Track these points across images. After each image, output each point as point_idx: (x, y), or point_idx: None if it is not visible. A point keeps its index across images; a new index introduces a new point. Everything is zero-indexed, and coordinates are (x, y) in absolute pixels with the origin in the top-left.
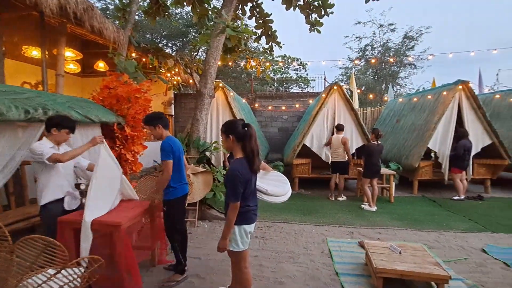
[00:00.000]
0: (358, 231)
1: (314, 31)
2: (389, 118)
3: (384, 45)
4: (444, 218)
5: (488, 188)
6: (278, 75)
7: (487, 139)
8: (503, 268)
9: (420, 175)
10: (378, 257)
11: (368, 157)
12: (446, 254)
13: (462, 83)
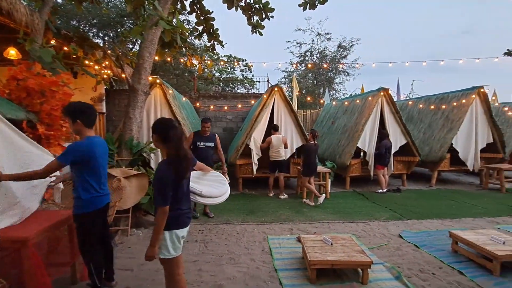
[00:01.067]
0: (297, 226)
1: (256, 33)
2: (326, 120)
3: (322, 52)
4: (370, 210)
5: (404, 181)
6: (224, 75)
7: (403, 139)
8: (414, 250)
9: (351, 172)
10: (313, 250)
11: (306, 156)
12: (371, 241)
13: (383, 90)
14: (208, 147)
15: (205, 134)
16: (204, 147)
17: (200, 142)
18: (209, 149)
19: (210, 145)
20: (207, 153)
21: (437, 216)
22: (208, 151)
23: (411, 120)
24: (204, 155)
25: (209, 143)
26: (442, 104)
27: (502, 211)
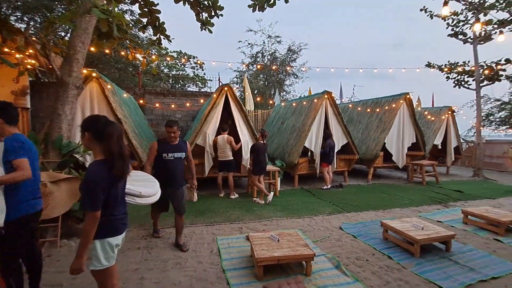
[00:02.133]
0: (247, 225)
1: (205, 30)
2: (276, 120)
3: (272, 55)
4: (315, 205)
5: (346, 177)
6: (173, 71)
7: (345, 139)
8: (352, 240)
9: (299, 170)
10: (260, 248)
11: (256, 155)
12: (315, 235)
13: (327, 93)
14: (179, 159)
15: (173, 142)
16: (173, 159)
17: (167, 153)
18: (180, 161)
19: (181, 156)
20: (178, 167)
21: (372, 208)
22: (178, 164)
23: (351, 121)
24: (174, 170)
25: (179, 153)
26: (376, 108)
27: (423, 201)
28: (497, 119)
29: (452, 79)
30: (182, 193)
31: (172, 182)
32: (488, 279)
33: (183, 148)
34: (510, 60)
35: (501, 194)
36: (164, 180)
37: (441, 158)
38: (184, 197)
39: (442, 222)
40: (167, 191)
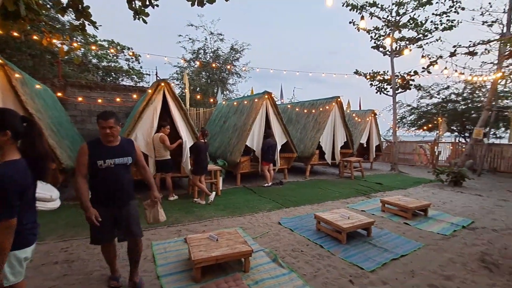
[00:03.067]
0: (186, 227)
1: (139, 20)
2: (218, 119)
3: (215, 52)
4: (257, 203)
5: (286, 175)
6: (104, 62)
7: (284, 138)
8: (289, 233)
9: (241, 168)
10: (197, 249)
11: (196, 155)
12: (255, 231)
13: (267, 94)
14: (122, 166)
15: (111, 143)
16: (113, 167)
17: (104, 160)
18: (125, 170)
19: (125, 161)
20: (122, 178)
21: (308, 202)
22: (122, 174)
23: (291, 121)
24: (116, 183)
25: (122, 158)
26: (312, 109)
27: (350, 194)
28: (408, 122)
29: (375, 86)
30: (134, 208)
31: (115, 200)
32: (398, 257)
33: (127, 150)
34: (417, 72)
35: (410, 185)
36: (104, 199)
37: (366, 155)
38: (136, 212)
39: (365, 211)
40: (110, 211)
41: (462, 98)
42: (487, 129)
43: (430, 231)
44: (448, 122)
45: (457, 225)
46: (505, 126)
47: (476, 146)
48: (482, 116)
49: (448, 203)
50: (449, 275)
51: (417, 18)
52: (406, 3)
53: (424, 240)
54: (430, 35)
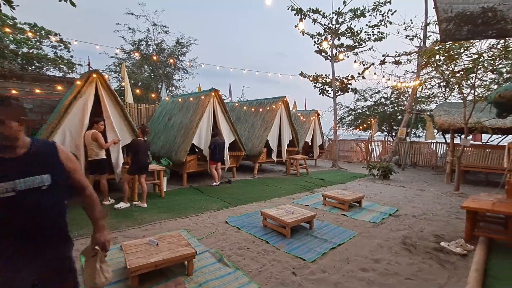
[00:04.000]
0: (124, 234)
1: (65, 2)
2: (162, 116)
3: (159, 45)
4: (203, 203)
5: (234, 173)
6: (24, 48)
7: (233, 137)
8: (236, 232)
9: (188, 168)
10: (134, 256)
11: (135, 153)
12: (201, 232)
13: (214, 91)
14: (31, 193)
15: (11, 153)
16: (14, 196)
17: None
18: (37, 198)
19: (36, 184)
20: (34, 216)
21: (256, 199)
22: (33, 206)
23: (239, 120)
24: (24, 224)
25: (29, 179)
26: (260, 108)
27: (296, 190)
28: (347, 122)
29: (318, 88)
30: (67, 263)
31: (29, 258)
32: (336, 246)
33: (42, 162)
34: (353, 77)
35: (348, 179)
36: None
37: (311, 153)
38: (72, 270)
39: (309, 206)
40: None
41: (390, 102)
42: (409, 129)
43: (363, 220)
44: (379, 123)
45: (385, 213)
46: (422, 127)
47: (400, 144)
48: (404, 118)
49: (379, 195)
50: (378, 258)
51: (354, 28)
52: (344, 13)
53: (358, 228)
54: (364, 44)
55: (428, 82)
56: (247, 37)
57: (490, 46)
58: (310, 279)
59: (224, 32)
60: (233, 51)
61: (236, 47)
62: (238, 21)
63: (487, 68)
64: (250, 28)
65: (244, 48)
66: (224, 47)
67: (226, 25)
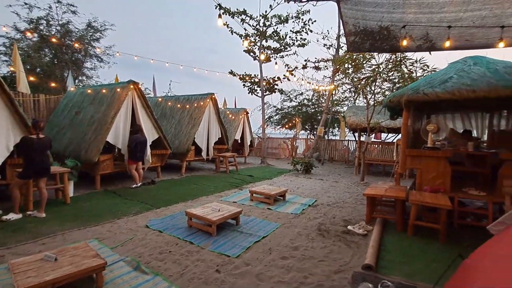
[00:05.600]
0: (13, 251)
1: None
2: (69, 109)
3: (65, 26)
4: (120, 207)
5: (159, 173)
6: None
7: (156, 134)
8: (157, 235)
9: (102, 169)
10: (25, 276)
11: (27, 153)
12: (116, 240)
13: (133, 84)
14: None
15: None
16: None
17: None
18: None
19: None
20: None
21: (182, 199)
22: None
23: (165, 116)
24: None
25: None
26: (187, 104)
27: (225, 187)
28: (274, 121)
29: (247, 87)
30: None
31: None
32: (260, 239)
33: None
34: (280, 78)
35: (275, 175)
36: None
37: (241, 150)
38: None
39: (236, 202)
40: None
41: (312, 103)
42: (326, 128)
43: (286, 212)
44: (303, 122)
45: (305, 204)
46: (338, 126)
47: (320, 142)
48: (322, 118)
49: (301, 188)
50: (296, 245)
51: (280, 32)
52: (270, 17)
53: (281, 220)
54: (289, 48)
55: (340, 86)
56: (179, 33)
57: (386, 59)
58: (233, 274)
59: (154, 24)
60: (164, 45)
61: (167, 42)
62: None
63: (383, 78)
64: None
65: (175, 43)
66: (153, 39)
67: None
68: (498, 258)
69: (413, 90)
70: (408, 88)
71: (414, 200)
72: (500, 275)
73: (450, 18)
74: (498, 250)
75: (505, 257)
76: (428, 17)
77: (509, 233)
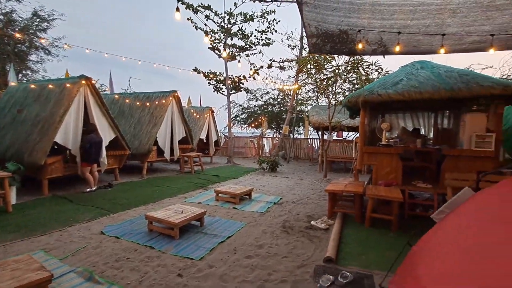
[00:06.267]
0: None
1: None
2: (10, 106)
3: (7, 15)
4: (72, 213)
5: (117, 175)
6: None
7: (112, 133)
8: (114, 242)
9: (50, 173)
10: None
11: None
12: (66, 250)
13: (85, 79)
14: None
15: None
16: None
17: None
18: None
19: None
20: None
21: (143, 203)
22: None
23: (123, 114)
24: None
25: None
26: (147, 102)
27: (189, 188)
28: (241, 120)
29: (212, 85)
30: None
31: None
32: (225, 239)
33: None
34: (245, 77)
35: (241, 174)
36: None
37: (206, 150)
38: None
39: (201, 203)
40: None
41: (277, 102)
42: (291, 127)
43: (252, 211)
44: (269, 121)
45: (271, 202)
46: (303, 125)
47: (286, 140)
48: (287, 117)
49: (267, 186)
50: (261, 243)
51: (245, 30)
52: (236, 15)
53: (246, 219)
54: (255, 47)
55: (304, 86)
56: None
57: (345, 61)
58: (196, 277)
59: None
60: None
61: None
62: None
63: (343, 79)
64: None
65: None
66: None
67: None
68: (436, 244)
69: (369, 91)
70: (364, 89)
71: (370, 194)
72: (437, 260)
73: (399, 24)
74: (436, 237)
75: (441, 243)
76: (380, 23)
77: (447, 221)
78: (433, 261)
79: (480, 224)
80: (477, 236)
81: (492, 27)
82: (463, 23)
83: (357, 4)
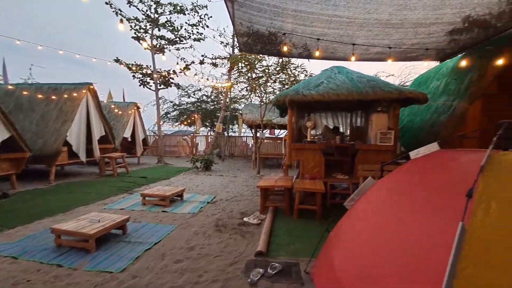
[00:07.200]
0: None
1: None
2: None
3: None
4: None
5: (14, 183)
6: None
7: (6, 132)
8: (11, 263)
9: None
10: None
11: None
12: None
13: None
14: None
15: None
16: None
17: None
18: None
19: None
20: None
21: (50, 214)
22: None
23: (21, 108)
24: None
25: None
26: (54, 95)
27: (111, 192)
28: (172, 117)
29: (137, 78)
30: None
31: None
32: (152, 246)
33: None
34: (175, 72)
35: (173, 174)
36: None
37: (133, 149)
38: None
39: (125, 209)
40: None
41: (211, 99)
42: (226, 125)
43: (183, 213)
44: (202, 118)
45: (204, 202)
46: (237, 123)
47: (220, 138)
48: (220, 115)
49: (200, 185)
50: (193, 245)
51: (174, 22)
52: (164, 5)
53: (177, 221)
54: (185, 41)
55: (236, 84)
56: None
57: (274, 62)
58: None
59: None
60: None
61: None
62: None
63: (273, 79)
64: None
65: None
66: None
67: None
68: (344, 229)
69: (295, 92)
70: (291, 90)
71: (298, 188)
72: (345, 241)
73: (318, 32)
74: (345, 223)
75: (347, 228)
76: (302, 29)
77: (354, 208)
78: (342, 243)
79: (379, 206)
80: (376, 215)
81: (390, 41)
82: (368, 36)
83: (280, 8)
